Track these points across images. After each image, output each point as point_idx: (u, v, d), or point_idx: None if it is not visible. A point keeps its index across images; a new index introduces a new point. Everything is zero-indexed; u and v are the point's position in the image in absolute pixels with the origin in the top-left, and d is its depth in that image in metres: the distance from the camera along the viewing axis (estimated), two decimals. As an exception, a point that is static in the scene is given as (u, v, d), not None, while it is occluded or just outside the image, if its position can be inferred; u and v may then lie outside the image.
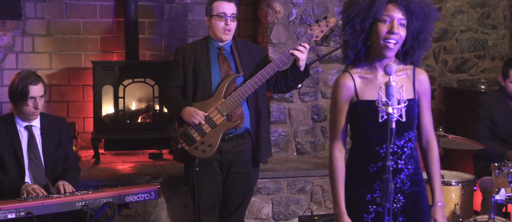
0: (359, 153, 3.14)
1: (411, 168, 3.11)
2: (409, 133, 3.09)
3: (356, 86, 3.09)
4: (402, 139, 3.08)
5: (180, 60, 4.50)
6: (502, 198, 4.49)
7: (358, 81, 3.10)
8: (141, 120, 6.04)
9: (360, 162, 3.12)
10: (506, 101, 5.30)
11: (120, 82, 5.84)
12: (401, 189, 3.11)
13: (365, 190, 3.10)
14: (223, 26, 4.42)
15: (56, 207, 3.94)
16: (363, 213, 3.11)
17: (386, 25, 2.99)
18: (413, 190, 3.13)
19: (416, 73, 3.14)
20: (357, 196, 3.12)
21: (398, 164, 3.09)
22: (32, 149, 4.31)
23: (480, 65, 7.08)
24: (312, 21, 5.91)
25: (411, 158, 3.11)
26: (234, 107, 4.37)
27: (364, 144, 3.11)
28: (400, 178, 3.09)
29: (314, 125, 6.18)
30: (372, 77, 3.09)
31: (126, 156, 6.14)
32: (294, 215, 5.51)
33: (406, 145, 3.09)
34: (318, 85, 6.16)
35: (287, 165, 5.78)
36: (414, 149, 3.14)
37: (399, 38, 3.00)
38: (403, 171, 3.10)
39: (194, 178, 4.42)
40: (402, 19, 3.00)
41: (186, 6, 6.40)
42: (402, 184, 3.10)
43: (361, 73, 3.11)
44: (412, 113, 3.07)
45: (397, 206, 3.11)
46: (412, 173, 3.12)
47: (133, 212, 5.19)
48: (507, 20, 7.10)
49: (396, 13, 2.99)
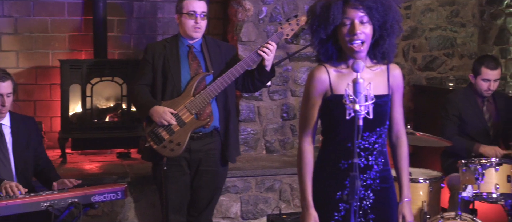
0: (330, 149, 3.12)
1: (381, 164, 3.12)
2: (381, 129, 3.09)
3: (331, 80, 3.07)
4: (374, 135, 3.07)
5: (150, 58, 4.47)
6: (469, 195, 4.53)
7: (333, 75, 3.08)
8: (109, 119, 6.00)
9: (331, 159, 3.11)
10: (475, 98, 5.33)
11: (88, 81, 5.80)
12: (371, 186, 3.10)
13: (336, 188, 3.08)
14: (193, 24, 4.39)
15: (20, 208, 3.88)
16: (334, 211, 3.10)
17: (347, 27, 2.99)
18: (382, 187, 3.13)
19: (390, 68, 3.14)
20: (327, 194, 3.11)
21: (369, 160, 3.08)
22: (0, 148, 4.24)
23: (449, 63, 7.14)
24: (282, 19, 5.92)
25: (381, 154, 3.11)
26: (203, 106, 4.35)
27: (335, 140, 3.09)
28: (371, 174, 3.09)
29: (284, 124, 6.17)
30: (347, 71, 3.06)
31: (94, 155, 6.08)
32: (263, 214, 5.50)
33: (377, 141, 3.09)
34: (287, 83, 6.15)
35: (256, 164, 5.76)
36: (384, 145, 3.14)
37: (364, 36, 2.99)
38: (373, 168, 3.10)
39: (162, 177, 4.39)
40: (363, 17, 2.98)
41: (155, 4, 6.36)
42: (372, 180, 3.10)
43: (336, 67, 3.09)
44: (385, 109, 3.08)
45: (367, 203, 3.10)
46: (381, 170, 3.12)
47: (99, 212, 5.14)
48: (475, 18, 7.16)
49: (354, 14, 2.98)
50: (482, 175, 4.59)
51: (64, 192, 4.07)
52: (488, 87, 5.22)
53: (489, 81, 5.20)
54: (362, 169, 3.07)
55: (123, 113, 5.95)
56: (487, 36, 7.03)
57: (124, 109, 5.95)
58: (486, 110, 5.33)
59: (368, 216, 3.11)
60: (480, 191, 4.59)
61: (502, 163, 4.63)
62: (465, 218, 4.42)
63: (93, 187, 4.32)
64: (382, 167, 3.13)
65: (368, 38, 3.01)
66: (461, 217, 4.41)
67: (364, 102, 2.74)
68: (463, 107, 5.32)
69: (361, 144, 3.04)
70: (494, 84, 5.22)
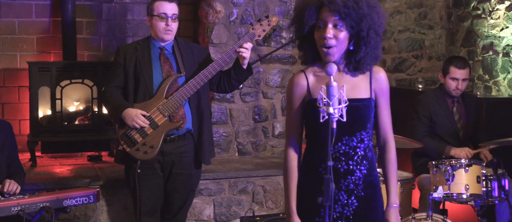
0: (312, 154, 3.09)
1: (364, 169, 3.05)
2: (362, 134, 3.03)
3: (309, 85, 3.05)
4: (355, 140, 3.02)
5: (121, 60, 4.44)
6: (440, 196, 4.58)
7: (311, 79, 3.06)
8: (79, 122, 5.95)
9: (312, 163, 3.07)
10: (445, 99, 5.39)
11: (58, 83, 5.75)
12: (354, 191, 3.04)
13: (317, 192, 2.97)
14: (164, 26, 4.38)
15: (-10, 213, 3.84)
16: (315, 216, 3.06)
17: (321, 30, 2.96)
18: (367, 193, 3.06)
19: (373, 72, 3.08)
20: (309, 199, 3.06)
21: (349, 166, 3.02)
22: None
23: (418, 65, 7.22)
24: (253, 21, 5.93)
25: (364, 159, 3.05)
26: (176, 108, 4.33)
27: (316, 144, 3.06)
28: (352, 180, 3.03)
29: (256, 126, 6.18)
30: (325, 75, 3.01)
31: (64, 159, 6.02)
32: (236, 216, 5.50)
33: (359, 145, 3.03)
34: (259, 85, 6.17)
35: (228, 166, 5.76)
36: (369, 150, 3.08)
37: (336, 41, 2.94)
38: (355, 173, 3.03)
39: (135, 180, 4.36)
40: (337, 21, 2.93)
41: (125, 6, 6.33)
42: (354, 186, 3.04)
43: (315, 71, 3.07)
44: (366, 112, 3.03)
45: (350, 209, 3.04)
46: (365, 175, 3.05)
47: (71, 216, 5.09)
48: (443, 20, 7.25)
49: (328, 17, 2.93)
50: (452, 176, 4.64)
51: (35, 196, 4.03)
52: (456, 86, 5.27)
53: (457, 80, 5.26)
54: (343, 174, 3.02)
55: (94, 115, 5.91)
56: (454, 38, 7.13)
57: (94, 112, 5.91)
58: (456, 111, 5.39)
59: None
60: (450, 192, 4.64)
61: (472, 164, 4.69)
62: (436, 219, 4.46)
63: (64, 191, 4.29)
64: (366, 172, 3.06)
65: (340, 43, 2.95)
66: (432, 218, 4.45)
67: (338, 105, 2.74)
68: (433, 108, 5.37)
69: (341, 149, 3.00)
70: (462, 84, 5.28)
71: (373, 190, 3.09)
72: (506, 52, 6.35)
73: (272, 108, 6.24)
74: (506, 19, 6.34)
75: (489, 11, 6.58)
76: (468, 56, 6.84)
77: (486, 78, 6.63)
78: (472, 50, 6.83)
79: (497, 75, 6.49)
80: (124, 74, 4.42)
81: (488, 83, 6.61)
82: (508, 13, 6.31)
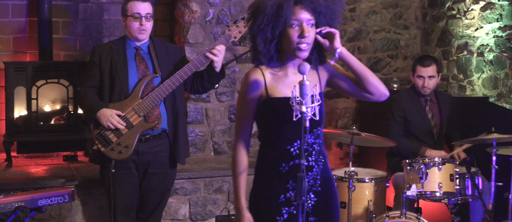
0: (269, 153, 3.09)
1: (321, 165, 3.10)
2: (318, 129, 3.07)
3: (266, 83, 3.06)
4: (312, 136, 3.05)
5: (96, 60, 4.44)
6: (413, 194, 4.61)
7: (269, 78, 3.07)
8: (55, 122, 5.93)
9: (271, 163, 3.07)
10: (418, 98, 5.44)
11: (33, 83, 5.73)
12: (313, 187, 3.08)
13: (278, 192, 3.06)
14: (138, 26, 4.38)
15: (-36, 213, 3.83)
16: (276, 215, 3.07)
17: (296, 29, 2.97)
18: (324, 188, 3.11)
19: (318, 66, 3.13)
20: (269, 198, 3.08)
21: (309, 162, 3.06)
22: None
23: (393, 65, 7.27)
24: (229, 21, 5.95)
25: (320, 154, 3.10)
26: (151, 108, 4.34)
27: (274, 143, 3.06)
28: (312, 176, 3.07)
29: (231, 125, 6.20)
30: (282, 74, 3.07)
31: (40, 158, 5.99)
32: (211, 215, 5.52)
33: (316, 141, 3.07)
34: (235, 85, 6.18)
35: (204, 165, 5.77)
36: (322, 145, 3.13)
37: (311, 39, 2.99)
38: (313, 168, 3.07)
39: (110, 180, 4.36)
40: (311, 20, 2.98)
41: (101, 6, 6.31)
42: (314, 181, 3.08)
43: (272, 70, 3.08)
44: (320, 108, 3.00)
45: (309, 205, 3.07)
46: (322, 170, 3.10)
47: (47, 216, 5.08)
48: (418, 21, 7.31)
49: (304, 16, 2.97)
50: (425, 174, 4.68)
51: (10, 196, 4.02)
52: (423, 84, 5.33)
53: (423, 78, 5.31)
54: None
55: (70, 115, 5.89)
56: (429, 38, 7.19)
57: (70, 112, 5.89)
58: (429, 109, 5.44)
59: (309, 219, 3.08)
60: (424, 190, 4.68)
61: (445, 163, 4.73)
62: (410, 217, 4.50)
63: (39, 190, 4.28)
64: (323, 167, 3.11)
65: (312, 41, 3.01)
66: (406, 216, 4.48)
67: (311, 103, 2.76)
68: (407, 108, 5.42)
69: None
70: (428, 81, 5.32)
71: (329, 184, 3.15)
72: (480, 52, 6.42)
73: (248, 107, 6.25)
74: (481, 19, 6.41)
75: (464, 11, 6.65)
76: (443, 56, 6.90)
77: (461, 78, 6.69)
78: (447, 50, 6.89)
79: (471, 74, 6.56)
80: (100, 74, 4.42)
81: (462, 83, 6.67)
82: (482, 13, 6.38)
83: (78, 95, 4.65)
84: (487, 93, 6.32)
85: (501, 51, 6.14)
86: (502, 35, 6.13)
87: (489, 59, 6.30)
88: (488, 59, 6.31)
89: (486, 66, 6.35)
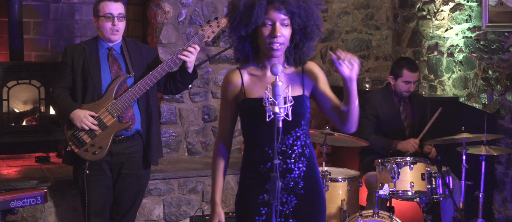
0: (251, 155, 3.11)
1: (303, 167, 3.09)
2: (297, 131, 3.07)
3: (244, 84, 3.09)
4: (290, 138, 3.05)
5: (69, 60, 4.41)
6: (386, 193, 4.65)
7: (246, 78, 3.09)
8: (26, 123, 5.88)
9: (252, 164, 3.10)
10: (392, 98, 5.50)
11: (4, 84, 5.67)
12: (293, 189, 3.07)
13: (257, 192, 3.08)
14: (111, 26, 4.37)
15: None
16: (255, 215, 3.09)
17: (268, 28, 2.98)
18: (307, 190, 3.09)
19: (304, 68, 3.12)
20: (249, 199, 3.11)
21: (288, 164, 3.06)
22: None
23: (365, 65, 7.32)
24: (201, 22, 5.95)
25: (302, 156, 3.09)
26: (125, 108, 4.33)
27: (253, 145, 3.09)
28: (292, 178, 3.07)
29: (205, 125, 6.20)
30: (260, 75, 3.09)
31: (11, 160, 5.93)
32: (186, 216, 5.52)
33: (296, 143, 3.07)
34: (208, 85, 6.19)
35: (178, 166, 5.77)
36: (306, 147, 3.11)
37: (284, 39, 2.99)
38: (294, 171, 3.07)
39: (84, 181, 4.34)
40: (284, 19, 2.98)
41: (72, 6, 6.27)
42: (295, 184, 3.07)
43: (250, 70, 3.10)
44: (299, 110, 3.04)
45: (289, 207, 3.07)
46: (305, 172, 3.09)
47: (19, 217, 5.04)
48: (389, 21, 7.38)
49: (276, 15, 2.97)
50: (397, 173, 4.74)
51: (-19, 198, 3.99)
52: (408, 88, 5.40)
53: (410, 83, 5.38)
54: (281, 173, 3.04)
55: (41, 116, 5.85)
56: (400, 38, 7.26)
57: (42, 112, 5.84)
58: (403, 110, 5.50)
59: (289, 221, 3.08)
60: (396, 189, 4.73)
61: (417, 162, 4.79)
62: (382, 216, 4.54)
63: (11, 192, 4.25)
64: (306, 169, 3.09)
65: (286, 40, 3.01)
66: (378, 215, 4.53)
67: (283, 104, 2.78)
68: (381, 107, 5.47)
69: (278, 148, 2.99)
70: (413, 86, 5.42)
71: (314, 186, 3.13)
72: (450, 52, 6.50)
73: (221, 108, 6.26)
74: (450, 20, 6.48)
75: (434, 12, 6.72)
76: (414, 56, 6.97)
77: (431, 78, 6.77)
78: (418, 51, 6.96)
79: (442, 75, 6.64)
80: (72, 75, 4.40)
81: (433, 83, 6.75)
82: (452, 14, 6.46)
83: (50, 96, 4.62)
84: (458, 93, 6.40)
85: (470, 51, 6.22)
86: (471, 36, 6.21)
87: (459, 60, 6.37)
88: (458, 60, 6.39)
89: (456, 66, 6.43)
